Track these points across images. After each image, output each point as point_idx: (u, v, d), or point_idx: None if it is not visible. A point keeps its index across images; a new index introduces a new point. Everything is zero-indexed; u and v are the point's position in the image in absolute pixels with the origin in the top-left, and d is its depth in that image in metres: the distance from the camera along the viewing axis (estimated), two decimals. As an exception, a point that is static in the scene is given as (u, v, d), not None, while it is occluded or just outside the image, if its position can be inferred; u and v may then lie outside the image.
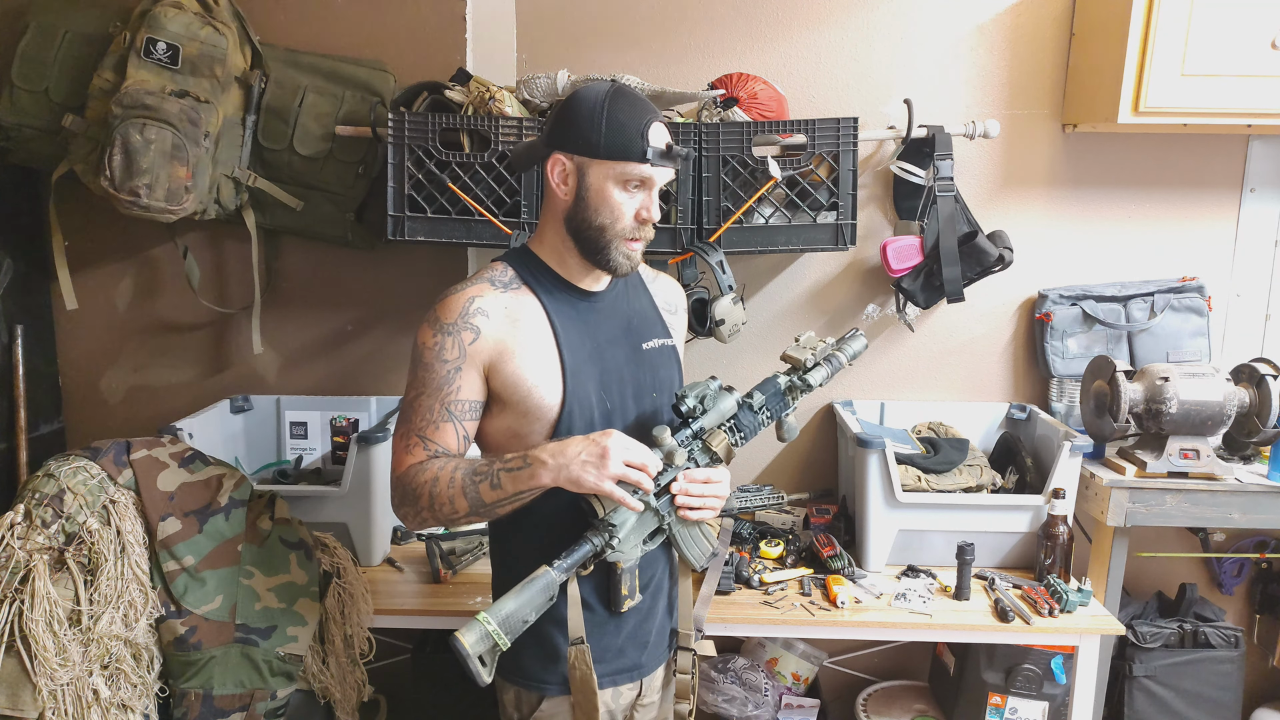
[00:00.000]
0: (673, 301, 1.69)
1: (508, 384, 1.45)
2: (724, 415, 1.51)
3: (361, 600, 2.01)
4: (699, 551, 1.56)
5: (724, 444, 1.52)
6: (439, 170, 2.16)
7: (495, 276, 1.49)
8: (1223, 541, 2.63)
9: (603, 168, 1.42)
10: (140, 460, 1.86)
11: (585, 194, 1.44)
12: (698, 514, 1.48)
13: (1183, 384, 2.15)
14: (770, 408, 1.56)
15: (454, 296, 1.45)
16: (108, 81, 2.16)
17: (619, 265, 1.47)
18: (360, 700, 2.06)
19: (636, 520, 1.44)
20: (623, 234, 1.45)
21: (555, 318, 1.48)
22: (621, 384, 1.53)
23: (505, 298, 1.46)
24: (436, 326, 1.43)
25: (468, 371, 1.43)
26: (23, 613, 1.65)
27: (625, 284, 1.60)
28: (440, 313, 1.44)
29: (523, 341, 1.45)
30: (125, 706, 1.73)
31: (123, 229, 2.47)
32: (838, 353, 1.62)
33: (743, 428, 1.54)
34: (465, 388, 1.44)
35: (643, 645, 1.59)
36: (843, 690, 2.73)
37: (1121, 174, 2.52)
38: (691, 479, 1.47)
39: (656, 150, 1.42)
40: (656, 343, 1.59)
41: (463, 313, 1.43)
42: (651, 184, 1.45)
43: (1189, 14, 2.12)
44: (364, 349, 2.61)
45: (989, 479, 2.28)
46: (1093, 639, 2.05)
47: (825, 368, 1.60)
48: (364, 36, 2.44)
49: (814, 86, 2.49)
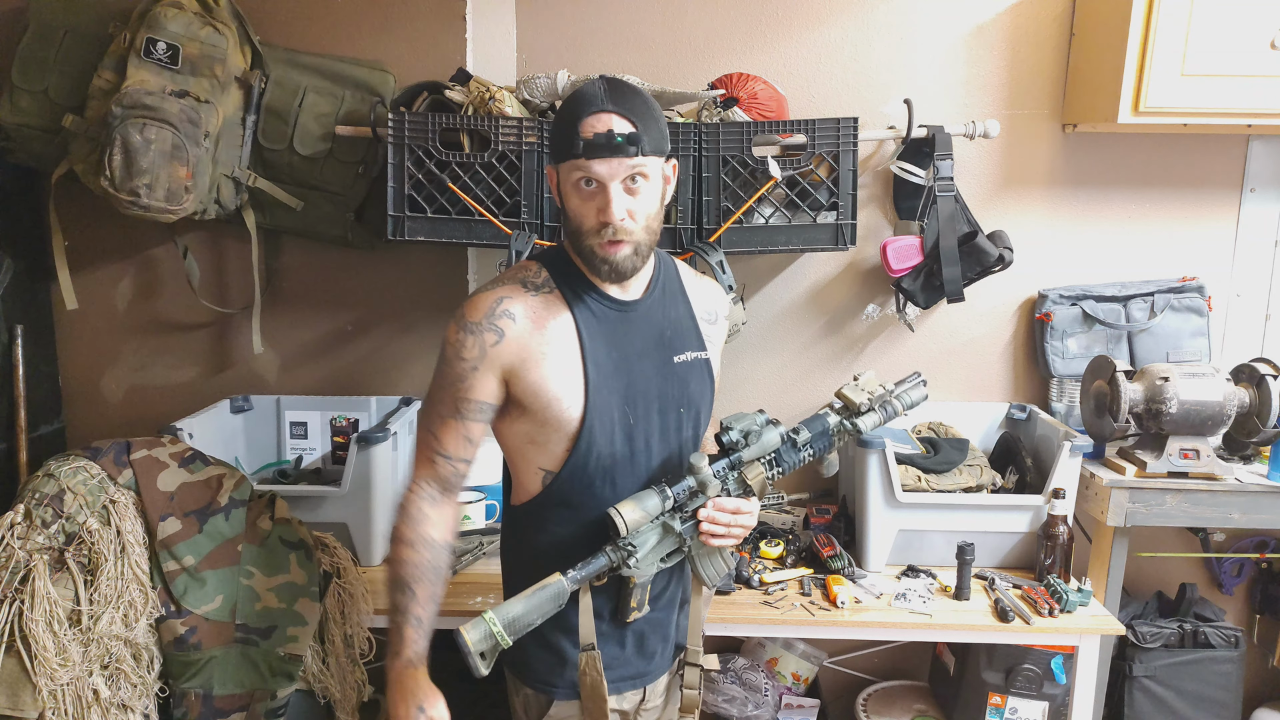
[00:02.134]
0: (712, 309, 1.62)
1: (529, 392, 1.42)
2: (766, 449, 1.49)
3: (361, 600, 2.01)
4: (714, 572, 1.55)
5: (760, 478, 1.50)
6: (439, 170, 2.16)
7: (528, 278, 1.45)
8: (1223, 541, 2.63)
9: (561, 172, 1.39)
10: (140, 460, 1.86)
11: (562, 202, 1.42)
12: (720, 542, 1.48)
13: (1183, 384, 2.15)
14: (814, 446, 1.53)
15: (484, 295, 1.43)
16: (108, 81, 2.16)
17: (601, 272, 1.41)
18: (360, 700, 2.06)
19: (657, 541, 1.45)
20: (591, 238, 1.38)
21: (583, 327, 1.44)
22: (647, 399, 1.49)
23: (535, 301, 1.43)
24: (462, 324, 1.41)
25: (484, 373, 1.41)
26: (23, 613, 1.65)
27: (663, 290, 1.53)
28: (468, 310, 1.42)
29: (547, 349, 1.42)
30: (125, 706, 1.73)
31: (123, 229, 2.47)
32: (895, 400, 1.56)
33: (782, 463, 1.52)
34: (478, 388, 1.41)
35: (649, 656, 1.58)
36: (843, 690, 2.73)
37: (1121, 174, 2.52)
38: (720, 507, 1.46)
39: (585, 141, 1.32)
40: (689, 356, 1.54)
41: (489, 313, 1.40)
42: (603, 179, 1.34)
43: (1189, 14, 2.12)
44: (364, 349, 2.61)
45: (989, 479, 2.28)
46: (1093, 639, 2.05)
47: (878, 414, 1.54)
48: (364, 36, 2.44)
49: (814, 86, 2.49)
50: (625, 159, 1.34)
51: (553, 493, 1.48)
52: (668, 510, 1.45)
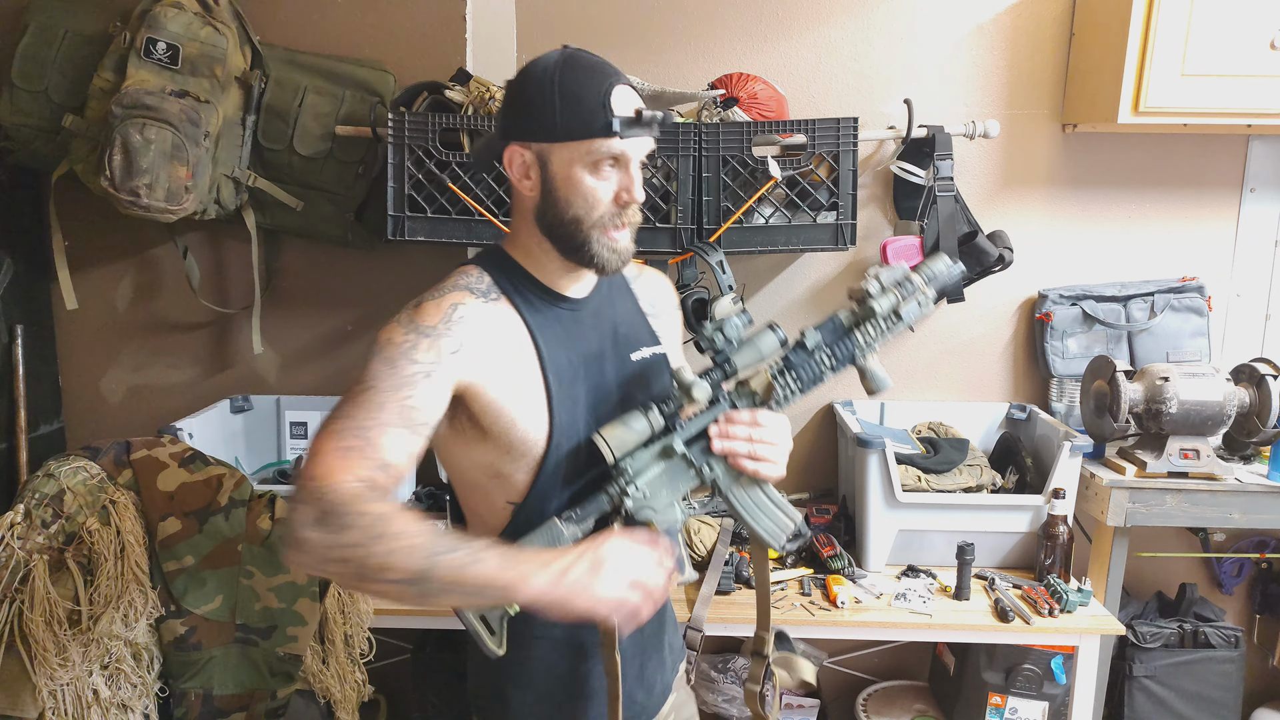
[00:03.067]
0: (657, 302, 1.46)
1: (487, 412, 1.22)
2: (764, 355, 1.27)
3: (361, 600, 2.01)
4: (771, 524, 1.30)
5: (766, 383, 1.28)
6: (439, 170, 2.16)
7: (472, 284, 1.26)
8: (1223, 541, 2.63)
9: (565, 151, 1.20)
10: (140, 460, 1.86)
11: (552, 185, 1.22)
12: (753, 464, 1.26)
13: (1183, 384, 2.15)
14: (832, 348, 1.29)
15: (433, 301, 1.22)
16: (108, 81, 2.16)
17: (605, 261, 1.25)
18: (360, 700, 2.06)
19: (663, 471, 1.25)
20: (601, 224, 1.23)
21: (537, 334, 1.26)
22: (610, 404, 1.32)
23: (487, 309, 1.24)
24: (410, 326, 1.19)
25: (439, 383, 1.17)
26: (22, 613, 1.65)
27: (609, 286, 1.38)
28: (416, 315, 1.20)
29: (504, 365, 1.23)
30: (125, 706, 1.73)
31: (123, 229, 2.46)
32: (915, 277, 1.29)
33: (794, 367, 1.28)
34: (430, 399, 1.16)
35: (649, 688, 1.45)
36: (843, 690, 2.73)
37: (1121, 174, 2.52)
38: (731, 419, 1.26)
39: (624, 119, 1.18)
40: (647, 352, 1.39)
41: (445, 318, 1.20)
42: (627, 160, 1.22)
43: (1189, 14, 2.12)
44: (364, 349, 2.61)
45: (989, 479, 2.28)
46: (1093, 639, 2.05)
47: (893, 295, 1.28)
48: (364, 36, 2.43)
49: (814, 86, 2.49)
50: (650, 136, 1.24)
51: (519, 524, 1.27)
52: (659, 431, 1.25)
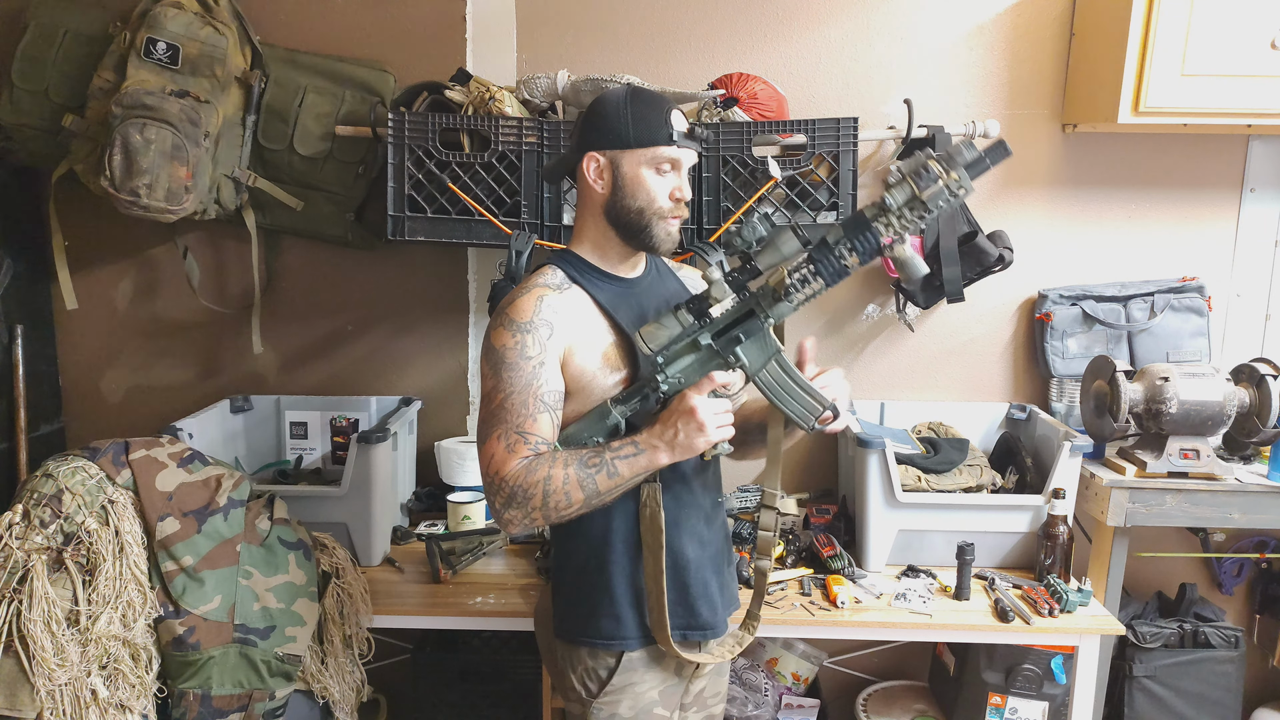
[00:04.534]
0: (698, 285, 1.76)
1: (574, 376, 1.53)
2: (787, 257, 1.39)
3: (361, 600, 2.01)
4: (799, 407, 1.47)
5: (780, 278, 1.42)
6: (439, 170, 2.16)
7: (548, 280, 1.56)
8: (1223, 541, 2.63)
9: (634, 156, 1.53)
10: (139, 460, 1.86)
11: (621, 183, 1.54)
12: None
13: (1183, 384, 2.15)
14: (853, 240, 1.35)
15: (523, 299, 1.52)
16: (108, 81, 2.17)
17: (661, 242, 1.56)
18: (360, 700, 2.06)
19: (695, 360, 1.48)
20: (660, 213, 1.54)
21: (606, 305, 1.56)
22: None
23: (562, 298, 1.54)
24: (513, 327, 1.50)
25: (551, 363, 1.50)
26: (21, 613, 1.65)
27: (657, 270, 1.69)
28: (513, 314, 1.51)
29: (584, 336, 1.54)
30: (123, 707, 1.73)
31: (123, 229, 2.47)
32: (932, 164, 1.26)
33: (814, 261, 1.38)
34: (552, 379, 1.50)
35: (713, 606, 1.65)
36: (843, 690, 2.72)
37: (1121, 174, 2.52)
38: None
39: (680, 132, 1.54)
40: None
41: (535, 311, 1.51)
42: (679, 165, 1.56)
43: (1189, 14, 2.12)
44: (364, 349, 2.61)
45: (989, 479, 2.28)
46: (1093, 639, 2.05)
47: (909, 185, 1.27)
48: (364, 36, 2.44)
49: (814, 86, 2.49)
50: (696, 150, 1.59)
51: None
52: (690, 327, 1.46)
